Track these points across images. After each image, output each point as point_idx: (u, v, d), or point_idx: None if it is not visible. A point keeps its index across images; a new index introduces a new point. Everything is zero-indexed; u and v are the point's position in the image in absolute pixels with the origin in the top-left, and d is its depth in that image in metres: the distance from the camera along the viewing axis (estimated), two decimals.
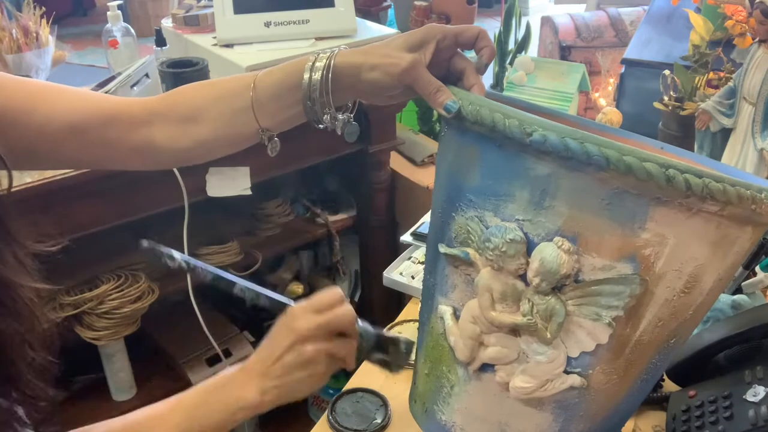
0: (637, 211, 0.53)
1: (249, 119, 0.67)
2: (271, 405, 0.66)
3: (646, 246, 0.54)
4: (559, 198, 0.55)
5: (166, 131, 0.70)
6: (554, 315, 0.57)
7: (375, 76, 0.63)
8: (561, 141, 0.52)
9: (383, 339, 0.71)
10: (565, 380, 0.59)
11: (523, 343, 0.60)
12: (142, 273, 1.44)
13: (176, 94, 0.71)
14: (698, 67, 1.30)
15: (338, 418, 0.87)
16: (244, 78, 0.69)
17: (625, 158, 0.51)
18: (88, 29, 5.05)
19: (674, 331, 0.59)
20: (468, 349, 0.62)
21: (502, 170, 0.57)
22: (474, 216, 0.59)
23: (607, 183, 0.53)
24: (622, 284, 0.55)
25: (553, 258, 0.55)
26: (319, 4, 1.56)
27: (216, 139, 0.70)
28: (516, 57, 1.75)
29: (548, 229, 0.55)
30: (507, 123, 0.54)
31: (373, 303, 1.89)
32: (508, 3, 1.91)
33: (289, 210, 1.74)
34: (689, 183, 0.50)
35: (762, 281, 0.93)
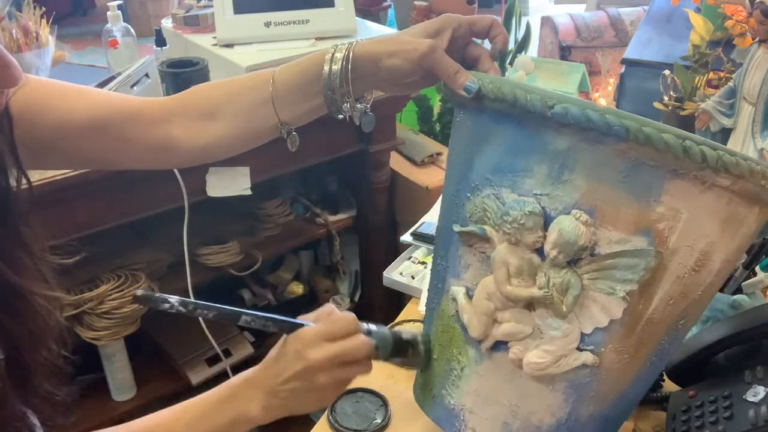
0: (653, 183, 0.55)
1: (268, 113, 0.69)
2: (273, 419, 0.66)
3: (661, 220, 0.55)
4: (577, 171, 0.56)
5: (185, 129, 0.71)
6: (570, 288, 0.58)
7: (395, 62, 0.65)
8: (582, 112, 0.53)
9: (400, 342, 0.69)
10: (578, 357, 0.60)
11: (537, 318, 0.60)
12: (142, 273, 1.44)
13: (193, 91, 0.73)
14: (698, 67, 1.30)
15: (338, 418, 0.87)
16: (262, 74, 0.70)
17: (645, 129, 0.52)
18: (88, 29, 5.03)
19: (684, 310, 0.60)
20: (482, 326, 0.63)
21: (520, 146, 0.59)
22: (490, 194, 0.61)
23: (626, 155, 0.54)
24: (637, 257, 0.56)
25: (572, 229, 0.56)
26: (319, 4, 1.56)
27: (235, 134, 0.71)
28: (516, 57, 1.75)
29: (566, 203, 0.57)
30: (529, 97, 0.56)
31: (373, 303, 1.89)
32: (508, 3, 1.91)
33: (289, 210, 1.74)
34: (705, 154, 0.52)
35: (762, 281, 0.93)
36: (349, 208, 1.84)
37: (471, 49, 0.68)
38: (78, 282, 1.39)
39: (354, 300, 1.90)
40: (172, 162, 0.75)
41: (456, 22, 0.66)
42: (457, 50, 0.67)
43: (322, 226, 1.77)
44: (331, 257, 1.87)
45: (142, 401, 1.55)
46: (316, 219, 1.78)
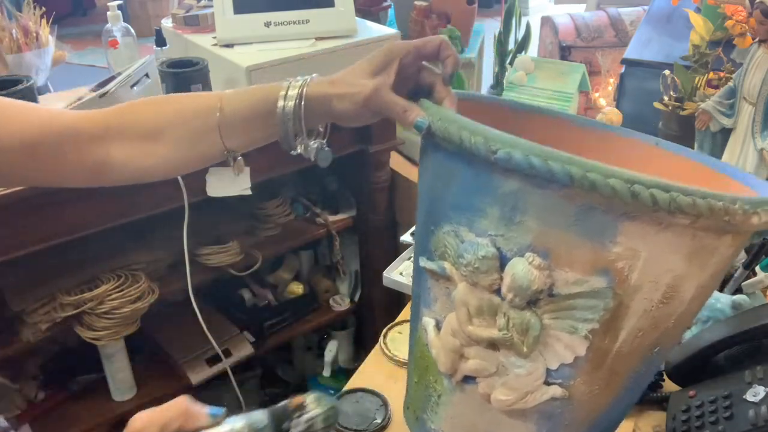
0: (606, 226, 0.52)
1: (214, 140, 0.67)
2: None
3: (619, 260, 0.53)
4: (528, 214, 0.54)
5: (125, 149, 0.68)
6: (530, 329, 0.56)
7: (344, 105, 0.64)
8: (525, 158, 0.51)
9: (282, 417, 0.53)
10: (546, 391, 0.59)
11: (501, 356, 0.59)
12: (142, 273, 1.44)
13: (134, 110, 0.70)
14: (698, 67, 1.30)
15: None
16: (208, 98, 0.68)
17: (589, 175, 0.50)
18: (88, 29, 5.05)
19: (657, 340, 0.59)
20: (449, 362, 0.62)
21: (473, 186, 0.57)
22: (450, 230, 0.59)
23: (574, 199, 0.52)
24: (595, 298, 0.54)
25: (524, 274, 0.54)
26: (319, 4, 1.56)
27: (178, 158, 0.69)
28: (516, 57, 1.75)
29: (520, 244, 0.55)
30: (473, 140, 0.54)
31: (373, 303, 1.89)
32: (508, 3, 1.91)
33: (289, 210, 1.74)
34: (656, 198, 0.49)
35: (762, 281, 0.93)
36: (349, 208, 1.84)
37: (424, 76, 0.65)
38: (78, 282, 1.39)
39: (354, 300, 1.90)
40: (108, 181, 0.72)
41: (402, 51, 0.63)
42: (409, 78, 0.65)
43: (322, 226, 1.77)
44: (331, 257, 1.87)
45: (142, 401, 1.55)
46: (316, 219, 1.78)
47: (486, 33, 2.73)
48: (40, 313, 1.35)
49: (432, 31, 2.52)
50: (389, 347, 1.00)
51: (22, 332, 1.35)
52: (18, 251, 1.25)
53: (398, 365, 0.96)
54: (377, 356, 1.00)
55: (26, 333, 1.35)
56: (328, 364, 1.86)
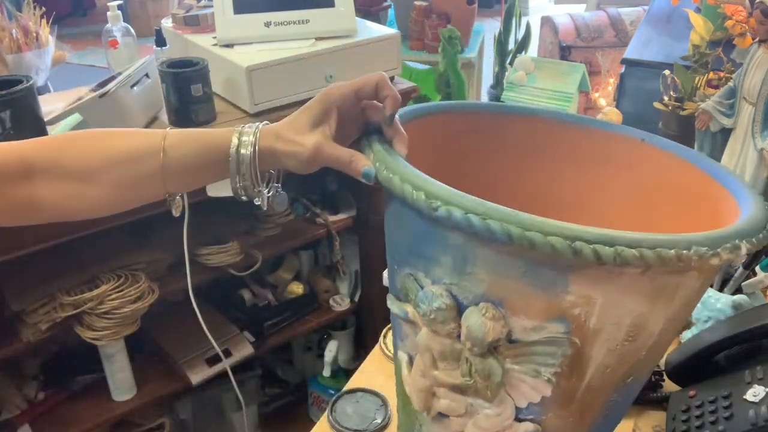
0: (557, 278, 0.51)
1: (155, 184, 0.64)
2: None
3: (574, 307, 0.52)
4: (478, 265, 0.53)
5: (52, 189, 0.64)
6: (492, 375, 0.56)
7: (291, 163, 0.62)
8: (464, 217, 0.50)
9: None
10: (517, 429, 0.59)
11: (470, 398, 0.59)
12: (142, 273, 1.44)
13: (63, 148, 0.65)
14: (698, 67, 1.30)
15: (338, 418, 0.87)
16: (149, 139, 0.65)
17: (528, 234, 0.48)
18: (88, 29, 5.05)
19: (628, 372, 0.58)
20: (421, 401, 0.62)
21: (424, 236, 0.56)
22: (409, 274, 0.59)
23: (519, 256, 0.51)
24: (553, 345, 0.53)
25: (478, 326, 0.54)
26: (319, 4, 1.56)
27: (113, 201, 0.66)
28: (516, 57, 1.75)
29: (474, 293, 0.54)
30: (415, 196, 0.52)
31: (373, 303, 1.89)
32: (508, 3, 1.91)
33: (289, 210, 1.74)
34: (599, 254, 0.47)
35: (762, 281, 0.93)
36: (349, 208, 1.84)
37: (370, 114, 0.63)
38: (78, 282, 1.39)
39: (354, 300, 1.90)
40: (37, 221, 0.67)
41: (338, 98, 0.61)
42: (354, 119, 0.63)
43: (322, 226, 1.77)
44: (331, 257, 1.87)
45: (142, 401, 1.55)
46: (316, 219, 1.78)
47: (486, 33, 2.74)
48: (40, 313, 1.35)
49: (432, 31, 2.53)
50: (389, 347, 1.00)
51: (22, 332, 1.35)
52: (18, 251, 1.25)
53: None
54: (377, 356, 1.00)
55: (26, 333, 1.35)
56: (328, 364, 1.86)
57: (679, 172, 0.66)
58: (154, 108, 1.48)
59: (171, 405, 1.77)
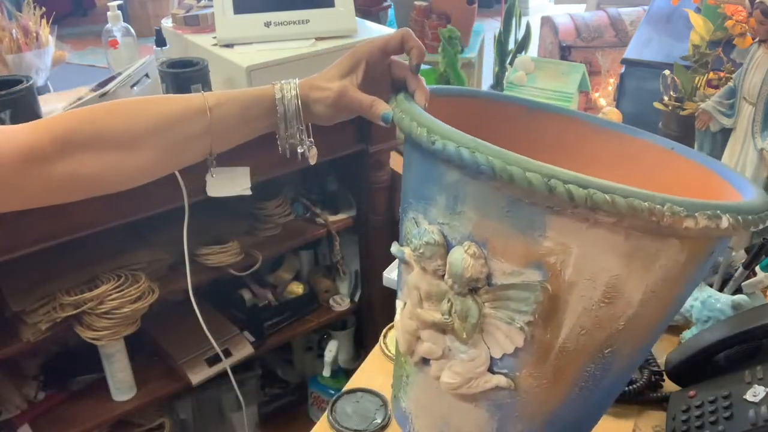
0: (535, 219, 0.53)
1: (201, 144, 0.67)
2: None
3: (550, 254, 0.54)
4: (467, 204, 0.56)
5: (96, 161, 0.64)
6: (469, 316, 0.58)
7: (319, 108, 0.68)
8: (456, 150, 0.53)
9: None
10: (489, 380, 0.61)
11: (448, 340, 0.62)
12: (142, 273, 1.44)
13: (101, 118, 0.64)
14: (698, 67, 1.30)
15: (338, 418, 0.87)
16: (192, 101, 0.66)
17: (509, 168, 0.51)
18: (88, 29, 5.05)
19: (606, 341, 0.58)
20: (406, 343, 0.65)
21: (425, 176, 0.60)
22: (412, 218, 0.62)
23: (502, 191, 0.53)
24: (526, 290, 0.55)
25: (459, 261, 0.56)
26: (319, 4, 1.56)
27: (157, 165, 0.67)
28: (516, 57, 1.75)
29: (462, 233, 0.57)
30: (418, 131, 0.57)
31: (373, 303, 1.89)
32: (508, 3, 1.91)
33: (289, 210, 1.74)
34: (572, 193, 0.49)
35: (762, 281, 0.93)
36: (349, 208, 1.84)
37: (395, 71, 0.69)
38: (78, 282, 1.39)
39: (354, 300, 1.90)
40: (77, 197, 0.67)
41: (366, 52, 0.67)
42: (381, 76, 0.69)
43: (322, 226, 1.77)
44: (331, 257, 1.87)
45: (142, 401, 1.55)
46: (316, 219, 1.78)
47: (486, 33, 2.74)
48: (40, 313, 1.35)
49: (432, 31, 2.52)
50: (389, 347, 1.00)
51: (22, 332, 1.35)
52: (18, 251, 1.25)
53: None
54: (377, 356, 1.00)
55: (26, 333, 1.35)
56: (328, 364, 1.86)
57: (703, 181, 0.67)
58: None
59: (171, 405, 1.77)
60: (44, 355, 1.58)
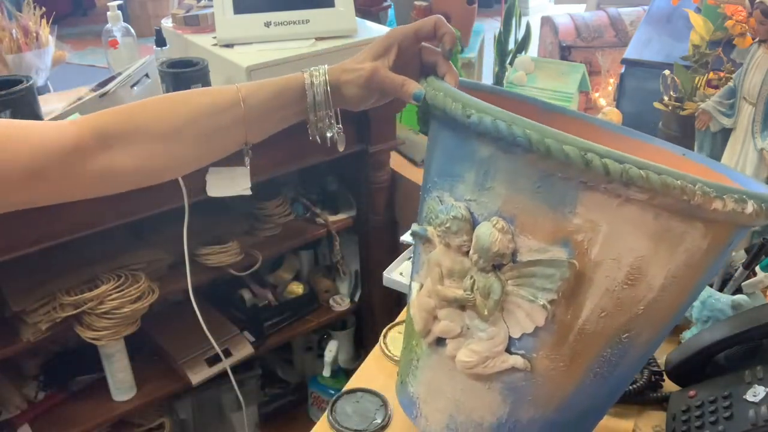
0: (567, 194, 0.54)
1: (237, 134, 0.68)
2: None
3: (578, 231, 0.55)
4: (498, 179, 0.57)
5: (134, 154, 0.66)
6: (491, 292, 0.59)
7: (351, 89, 0.68)
8: (492, 123, 0.54)
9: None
10: (506, 360, 0.61)
11: (467, 318, 0.62)
12: (142, 273, 1.44)
13: (138, 112, 0.67)
14: (698, 67, 1.30)
15: (338, 418, 0.87)
16: (225, 93, 0.68)
17: (546, 140, 0.52)
18: (88, 29, 5.05)
19: (625, 325, 0.59)
20: (422, 321, 0.65)
21: (455, 152, 0.61)
22: (436, 196, 0.63)
23: (536, 165, 0.54)
24: (552, 267, 0.56)
25: (487, 236, 0.57)
26: (319, 4, 1.56)
27: (193, 156, 0.69)
28: (516, 57, 1.75)
29: (490, 209, 0.58)
30: (453, 106, 0.58)
31: (373, 303, 1.89)
32: (508, 3, 1.91)
33: (289, 210, 1.74)
34: (608, 167, 0.50)
35: (762, 281, 0.93)
36: (349, 208, 1.83)
37: (426, 55, 0.70)
38: (78, 282, 1.39)
39: (354, 300, 1.90)
40: (114, 190, 0.69)
41: (400, 35, 0.68)
42: (413, 60, 0.70)
43: (322, 226, 1.77)
44: (331, 257, 1.87)
45: (142, 401, 1.55)
46: (316, 219, 1.78)
47: (486, 33, 2.73)
48: (40, 313, 1.35)
49: None
50: (389, 347, 1.00)
51: (22, 332, 1.35)
52: (18, 251, 1.25)
53: (398, 365, 0.96)
54: (377, 356, 1.00)
55: (26, 333, 1.35)
56: (328, 364, 1.86)
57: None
58: None
59: (171, 405, 1.77)
60: (44, 355, 1.58)
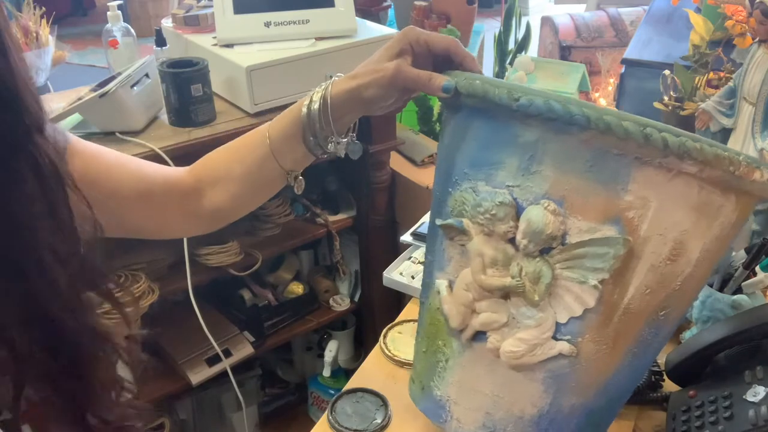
0: (620, 172, 0.55)
1: (273, 166, 0.71)
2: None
3: (630, 208, 0.56)
4: (545, 162, 0.57)
5: (206, 197, 0.74)
6: (541, 277, 0.59)
7: (373, 92, 0.67)
8: (545, 103, 0.55)
9: None
10: (554, 346, 0.61)
11: (512, 307, 0.62)
12: (142, 273, 1.44)
13: (203, 163, 0.76)
14: (698, 67, 1.30)
15: (338, 418, 0.87)
16: (258, 131, 0.72)
17: (605, 117, 0.53)
18: (88, 29, 5.05)
19: (663, 302, 0.60)
20: (461, 316, 0.64)
21: (493, 140, 0.60)
22: (468, 187, 0.62)
23: (590, 144, 0.55)
24: (606, 245, 0.56)
25: (540, 218, 0.57)
26: (319, 4, 1.56)
27: (246, 192, 0.74)
28: (516, 57, 1.75)
29: (536, 193, 0.58)
30: (497, 92, 0.58)
31: (373, 303, 1.89)
32: (508, 3, 1.91)
33: (289, 210, 1.74)
34: (666, 141, 0.52)
35: (762, 281, 0.93)
36: (349, 208, 1.83)
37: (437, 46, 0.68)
38: None
39: (354, 300, 1.90)
40: (199, 230, 0.79)
41: (413, 38, 0.67)
42: (424, 61, 0.68)
43: (322, 226, 1.77)
44: (331, 257, 1.87)
45: (142, 401, 1.55)
46: (316, 219, 1.78)
47: (486, 33, 2.73)
48: None
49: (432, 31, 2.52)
50: (389, 347, 1.00)
51: None
52: None
53: (398, 365, 0.96)
54: (377, 356, 1.00)
55: None
56: (328, 364, 1.86)
57: None
58: (154, 108, 1.47)
59: (171, 405, 1.77)
60: None
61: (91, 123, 1.39)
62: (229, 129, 1.43)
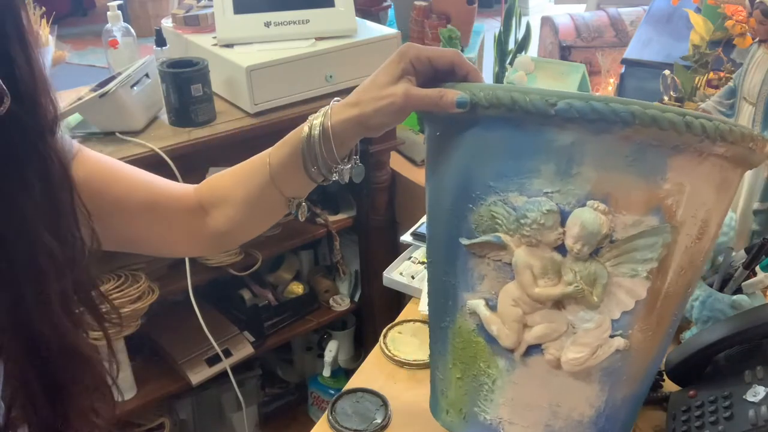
0: (658, 162, 0.57)
1: (273, 193, 0.70)
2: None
3: (668, 196, 0.57)
4: (585, 163, 0.57)
5: (210, 216, 0.74)
6: (598, 278, 0.59)
7: (380, 119, 0.64)
8: (587, 104, 0.55)
9: None
10: (611, 344, 0.61)
11: (569, 314, 0.61)
12: (142, 273, 1.44)
13: (207, 184, 0.75)
14: (698, 67, 1.30)
15: (338, 418, 0.87)
16: (260, 156, 0.71)
17: (649, 111, 0.54)
18: (88, 29, 5.05)
19: (691, 279, 0.63)
20: (514, 333, 0.62)
21: (523, 148, 0.59)
22: (497, 200, 0.60)
23: (631, 139, 0.56)
24: (654, 235, 0.58)
25: (593, 220, 0.57)
26: (319, 4, 1.56)
27: (247, 218, 0.73)
28: (516, 57, 1.75)
29: (578, 195, 0.58)
30: (528, 98, 0.56)
31: (373, 303, 1.89)
32: (508, 3, 1.91)
33: None
34: (704, 126, 0.55)
35: (762, 281, 0.93)
36: (349, 208, 1.83)
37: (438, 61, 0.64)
38: None
39: (354, 300, 1.90)
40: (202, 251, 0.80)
41: (413, 56, 0.63)
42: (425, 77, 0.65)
43: (322, 226, 1.77)
44: (331, 257, 1.87)
45: (142, 401, 1.55)
46: (316, 219, 1.78)
47: (486, 33, 2.73)
48: None
49: (432, 31, 2.52)
50: (389, 347, 1.00)
51: None
52: None
53: (398, 365, 0.96)
54: (377, 356, 1.00)
55: None
56: (328, 364, 1.86)
57: None
58: (154, 108, 1.47)
59: (171, 405, 1.77)
60: None
61: (91, 123, 1.39)
62: (229, 129, 1.43)
